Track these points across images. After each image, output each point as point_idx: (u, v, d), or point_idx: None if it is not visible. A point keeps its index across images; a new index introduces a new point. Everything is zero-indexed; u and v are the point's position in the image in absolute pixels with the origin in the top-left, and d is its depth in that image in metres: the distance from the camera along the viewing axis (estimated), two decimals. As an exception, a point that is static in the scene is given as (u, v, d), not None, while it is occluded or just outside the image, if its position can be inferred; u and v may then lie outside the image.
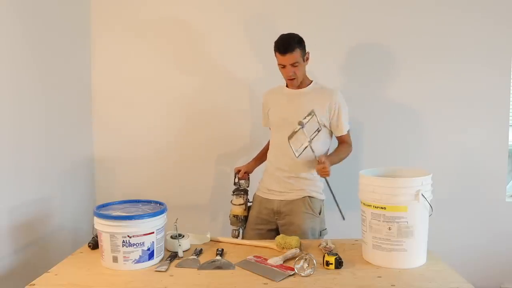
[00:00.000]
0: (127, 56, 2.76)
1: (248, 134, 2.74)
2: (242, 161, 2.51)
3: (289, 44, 2.04)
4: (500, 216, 2.75)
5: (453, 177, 2.71)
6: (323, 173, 2.04)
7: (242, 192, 2.26)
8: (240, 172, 2.32)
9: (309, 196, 2.15)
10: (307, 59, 2.14)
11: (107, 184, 2.81)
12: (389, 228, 1.67)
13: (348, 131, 2.23)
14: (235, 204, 2.24)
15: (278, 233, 2.18)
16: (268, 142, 2.37)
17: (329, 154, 2.18)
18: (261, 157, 2.38)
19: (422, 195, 1.64)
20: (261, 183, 2.28)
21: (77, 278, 1.62)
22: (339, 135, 2.21)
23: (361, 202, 1.77)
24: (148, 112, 2.78)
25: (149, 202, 1.91)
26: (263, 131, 2.46)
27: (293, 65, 2.07)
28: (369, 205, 1.72)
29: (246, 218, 2.25)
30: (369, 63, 2.71)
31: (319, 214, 2.17)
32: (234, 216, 2.23)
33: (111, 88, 2.78)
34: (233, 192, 2.27)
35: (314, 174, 2.15)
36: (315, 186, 2.18)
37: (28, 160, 2.13)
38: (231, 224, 2.25)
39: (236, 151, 2.75)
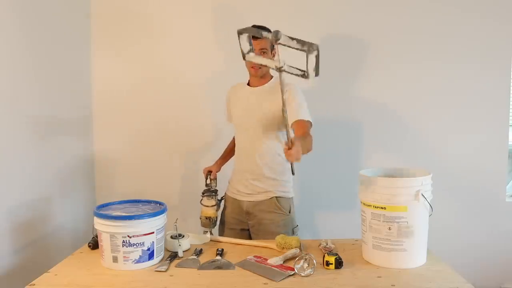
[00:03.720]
0: (127, 57, 2.76)
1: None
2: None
3: (262, 30, 1.99)
4: (500, 216, 2.75)
5: (453, 177, 2.71)
6: (296, 159, 1.65)
7: (213, 193, 2.22)
8: (212, 173, 2.27)
9: (276, 197, 2.12)
10: (274, 55, 2.06)
11: (107, 184, 2.82)
12: (389, 228, 1.67)
13: (309, 123, 1.98)
14: (207, 206, 2.18)
15: (249, 234, 2.20)
16: (233, 138, 2.34)
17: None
18: (227, 155, 2.37)
19: (422, 195, 1.64)
20: (230, 183, 2.27)
21: (77, 278, 1.62)
22: (294, 120, 1.92)
23: (361, 202, 1.77)
24: (148, 112, 2.78)
25: (149, 202, 1.91)
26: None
27: (261, 51, 2.00)
28: (369, 205, 1.72)
29: (217, 219, 2.21)
30: (369, 63, 2.71)
31: (289, 213, 2.14)
32: (206, 218, 2.16)
33: (111, 88, 2.78)
34: (203, 193, 2.20)
35: (278, 172, 2.10)
36: (282, 186, 2.12)
37: (28, 160, 2.13)
38: (202, 225, 2.19)
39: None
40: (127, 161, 2.80)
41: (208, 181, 2.26)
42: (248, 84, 2.20)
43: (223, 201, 2.28)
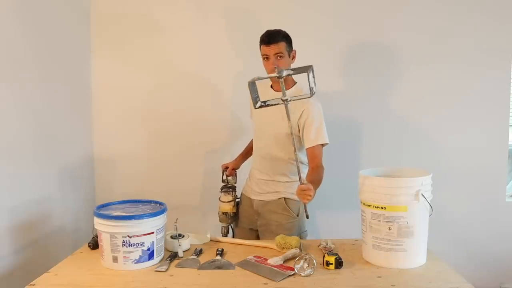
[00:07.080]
0: (127, 57, 2.75)
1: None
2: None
3: (274, 35, 1.98)
4: (500, 216, 2.75)
5: (453, 177, 2.71)
6: (305, 197, 1.71)
7: (230, 189, 2.26)
8: (228, 169, 2.31)
9: (285, 198, 2.11)
10: (293, 57, 2.06)
11: (107, 184, 2.81)
12: (389, 228, 1.67)
13: (320, 147, 2.00)
14: (223, 201, 2.24)
15: (258, 234, 2.20)
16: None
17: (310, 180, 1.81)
18: (247, 153, 2.37)
19: (422, 195, 1.64)
20: (247, 181, 2.29)
21: (77, 278, 1.62)
22: (307, 147, 1.99)
23: (361, 202, 1.77)
24: (148, 112, 2.78)
25: (149, 202, 1.91)
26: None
27: (277, 56, 1.97)
28: (369, 205, 1.72)
29: (235, 214, 2.25)
30: (369, 63, 2.71)
31: (297, 216, 2.11)
32: (223, 213, 2.23)
33: (110, 88, 2.78)
34: (221, 189, 2.27)
35: (291, 174, 2.09)
36: (292, 188, 2.08)
37: (28, 160, 2.13)
38: (220, 221, 2.25)
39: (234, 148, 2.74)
40: (127, 161, 2.80)
41: (224, 177, 2.30)
42: (271, 86, 2.13)
43: (239, 199, 2.30)
